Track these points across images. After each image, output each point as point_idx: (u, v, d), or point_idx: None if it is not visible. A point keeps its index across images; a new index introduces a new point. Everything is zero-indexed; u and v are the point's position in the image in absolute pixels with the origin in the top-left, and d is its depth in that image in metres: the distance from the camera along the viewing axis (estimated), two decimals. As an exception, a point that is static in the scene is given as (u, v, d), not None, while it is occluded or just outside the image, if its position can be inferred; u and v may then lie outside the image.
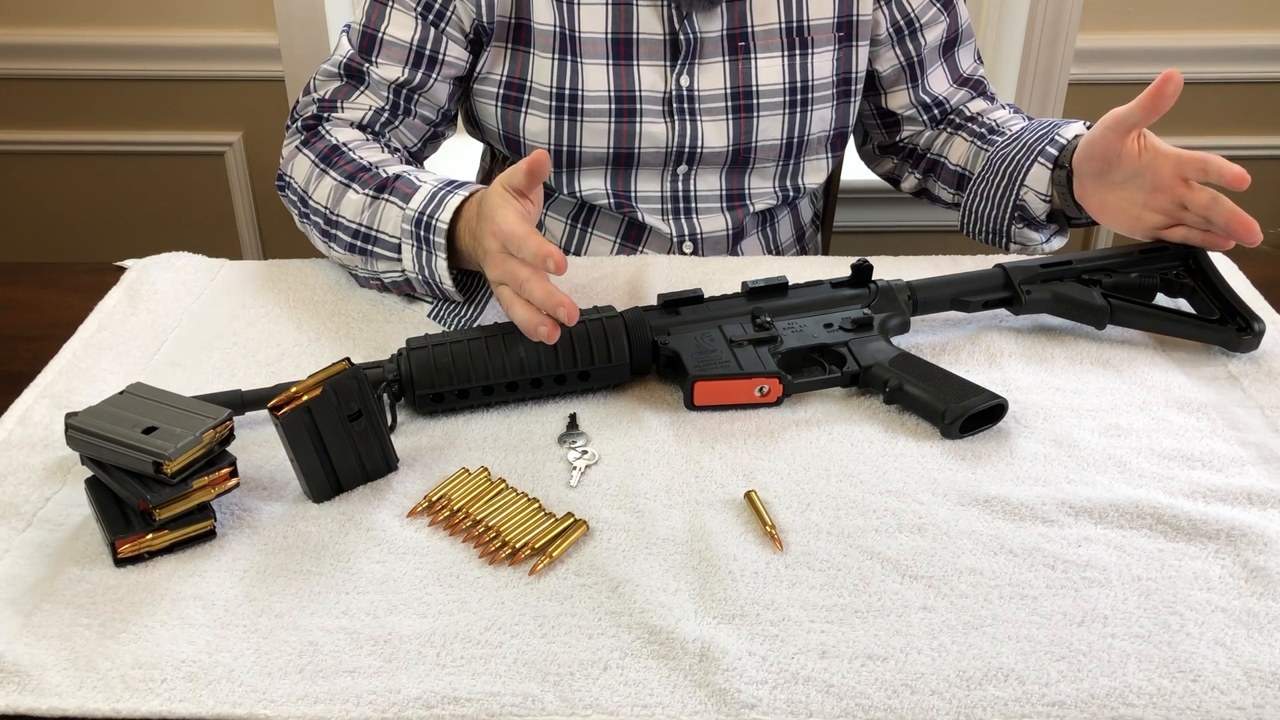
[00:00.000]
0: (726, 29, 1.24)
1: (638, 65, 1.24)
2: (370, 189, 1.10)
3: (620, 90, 1.24)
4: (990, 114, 1.34)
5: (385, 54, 1.22)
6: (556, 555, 0.79)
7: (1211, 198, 1.05)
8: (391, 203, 1.07)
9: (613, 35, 1.23)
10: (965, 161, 1.33)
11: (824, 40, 1.27)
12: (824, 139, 1.33)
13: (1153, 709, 0.68)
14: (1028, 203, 1.19)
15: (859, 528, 0.82)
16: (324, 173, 1.15)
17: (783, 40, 1.26)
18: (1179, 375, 1.00)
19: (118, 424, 0.80)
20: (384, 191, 1.09)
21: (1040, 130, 1.20)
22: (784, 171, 1.33)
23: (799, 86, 1.27)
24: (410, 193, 1.06)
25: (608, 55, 1.23)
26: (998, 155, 1.23)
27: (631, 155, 1.28)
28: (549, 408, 0.96)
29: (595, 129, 1.25)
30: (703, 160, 1.29)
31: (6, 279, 1.21)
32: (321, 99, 1.24)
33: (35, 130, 2.18)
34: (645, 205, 1.31)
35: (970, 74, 1.37)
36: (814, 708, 0.68)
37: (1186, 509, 0.83)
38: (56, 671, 0.70)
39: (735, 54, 1.25)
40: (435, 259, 1.03)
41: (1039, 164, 1.17)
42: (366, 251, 1.10)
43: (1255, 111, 2.15)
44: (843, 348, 0.99)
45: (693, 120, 1.26)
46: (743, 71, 1.26)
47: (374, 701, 0.68)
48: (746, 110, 1.27)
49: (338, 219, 1.12)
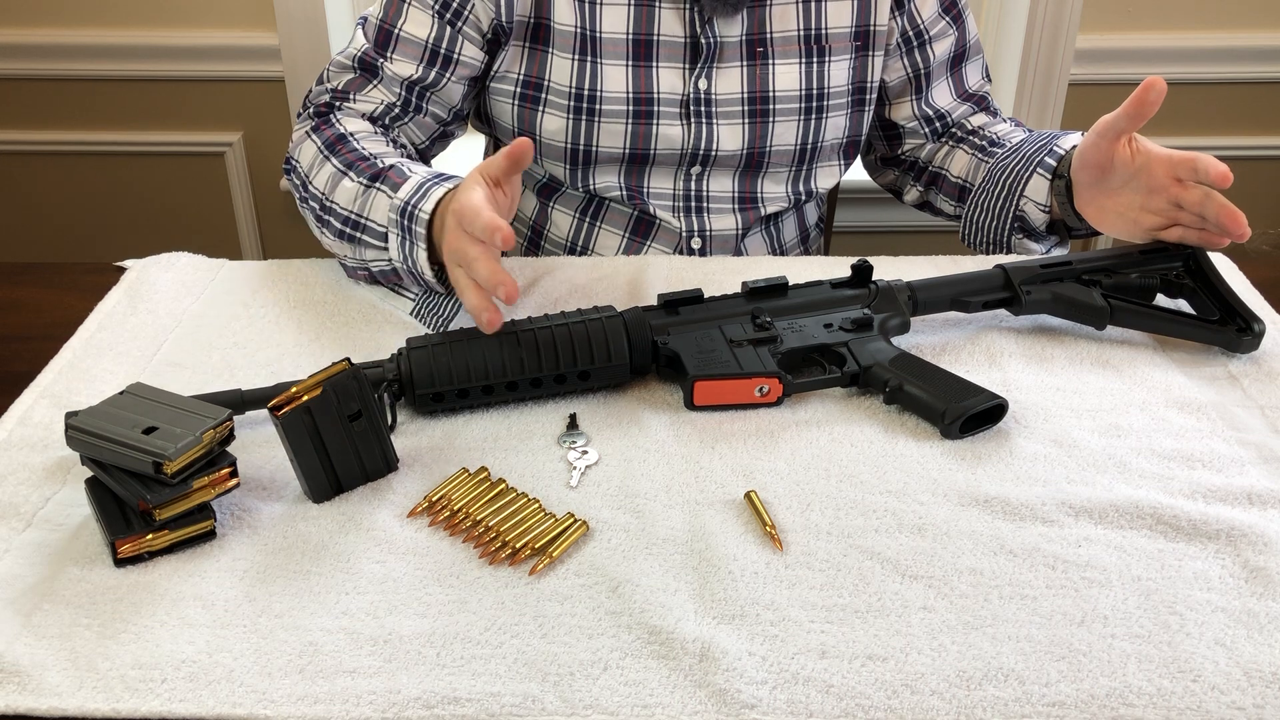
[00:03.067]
0: (746, 34, 1.25)
1: (657, 67, 1.24)
2: (364, 178, 1.10)
3: (639, 92, 1.24)
4: (991, 127, 1.35)
5: (401, 50, 1.23)
6: (556, 555, 0.79)
7: (1204, 194, 1.06)
8: (382, 191, 1.08)
9: (633, 36, 1.23)
10: (966, 174, 1.34)
11: (841, 49, 1.28)
12: (837, 146, 1.34)
13: (1153, 709, 0.68)
14: (1027, 213, 1.20)
15: (859, 528, 0.82)
16: (326, 159, 1.16)
17: (801, 47, 1.26)
18: (1179, 375, 1.00)
19: (118, 424, 0.80)
20: (376, 180, 1.09)
21: (1039, 141, 1.21)
22: (797, 176, 1.34)
23: (815, 94, 1.28)
24: (400, 182, 1.07)
25: (628, 56, 1.23)
26: (998, 167, 1.24)
27: (647, 155, 1.28)
28: (549, 408, 0.96)
29: (612, 129, 1.26)
30: (717, 162, 1.29)
31: (6, 279, 1.21)
32: (334, 89, 1.25)
33: (35, 130, 2.18)
34: (657, 200, 1.32)
35: (976, 90, 1.38)
36: (814, 708, 0.68)
37: (1186, 509, 0.83)
38: (56, 671, 0.70)
39: (754, 59, 1.26)
40: (416, 249, 1.03)
41: (1038, 174, 1.18)
42: (355, 239, 1.10)
43: (1255, 111, 2.15)
44: (843, 348, 0.99)
45: (709, 123, 1.27)
46: (760, 77, 1.26)
47: (374, 701, 0.68)
48: (763, 115, 1.27)
49: (331, 205, 1.13)
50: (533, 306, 1.11)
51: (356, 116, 1.23)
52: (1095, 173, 1.10)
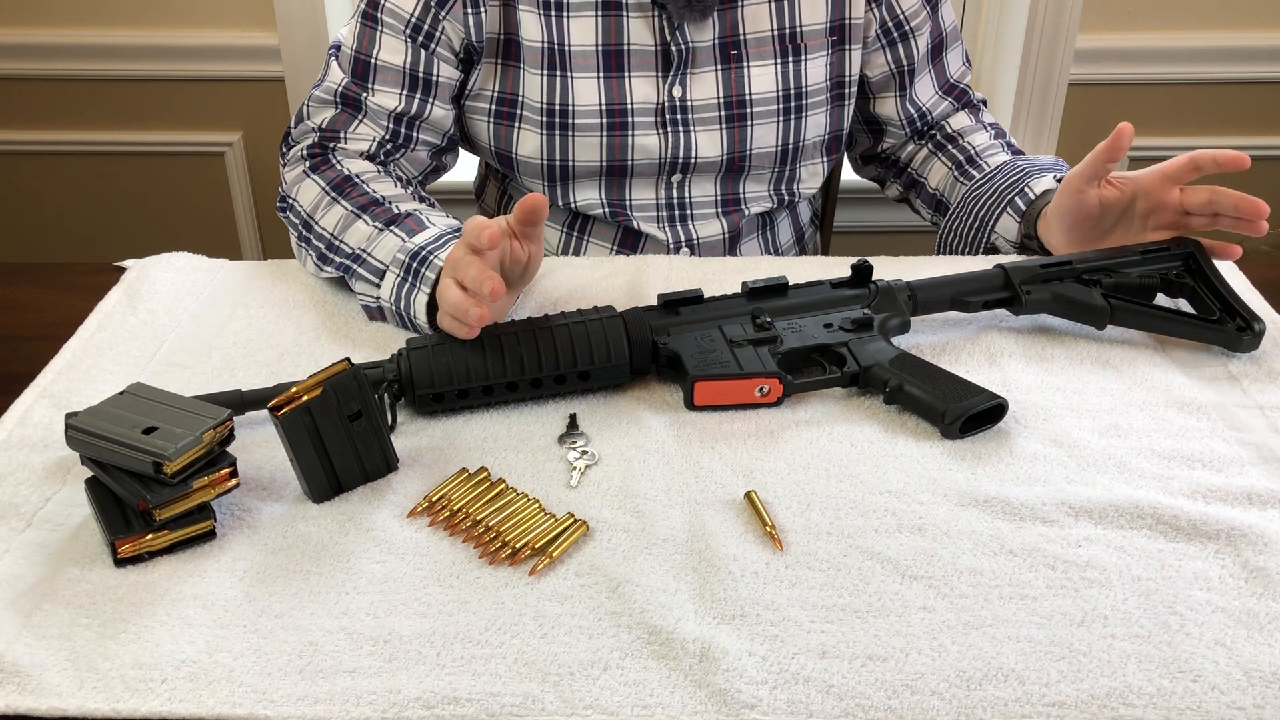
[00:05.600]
0: (718, 38, 1.23)
1: (629, 77, 1.23)
2: (379, 221, 1.09)
3: (611, 103, 1.23)
4: (970, 135, 1.34)
5: (380, 80, 1.21)
6: (556, 555, 0.79)
7: (1210, 192, 1.06)
8: (395, 235, 1.06)
9: (603, 47, 1.22)
10: (942, 187, 1.34)
11: (817, 46, 1.26)
12: (819, 143, 1.32)
13: (1153, 709, 0.68)
14: (999, 246, 1.22)
15: (859, 528, 0.82)
16: (334, 201, 1.14)
17: (776, 47, 1.25)
18: (1179, 375, 1.00)
19: (118, 424, 0.80)
20: (392, 225, 1.08)
21: (1013, 176, 1.22)
22: (779, 177, 1.33)
23: (793, 93, 1.27)
24: (417, 230, 1.06)
25: (598, 68, 1.22)
26: (970, 196, 1.25)
27: (625, 167, 1.27)
28: (549, 408, 0.96)
29: (587, 143, 1.24)
30: (697, 169, 1.28)
31: (6, 279, 1.21)
32: (321, 127, 1.23)
33: (35, 130, 2.18)
34: (640, 214, 1.31)
35: (958, 79, 1.37)
36: (814, 708, 0.68)
37: (1186, 509, 0.83)
38: (56, 671, 0.70)
39: (728, 63, 1.24)
40: (417, 293, 1.01)
41: (1008, 214, 1.20)
42: (351, 271, 1.08)
43: (1255, 111, 2.15)
44: (843, 348, 0.99)
45: (686, 131, 1.25)
46: (735, 80, 1.25)
47: (374, 701, 0.68)
48: (740, 119, 1.26)
49: (339, 244, 1.10)
50: (533, 306, 1.11)
51: (356, 157, 1.21)
52: (1087, 225, 1.11)
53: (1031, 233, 1.18)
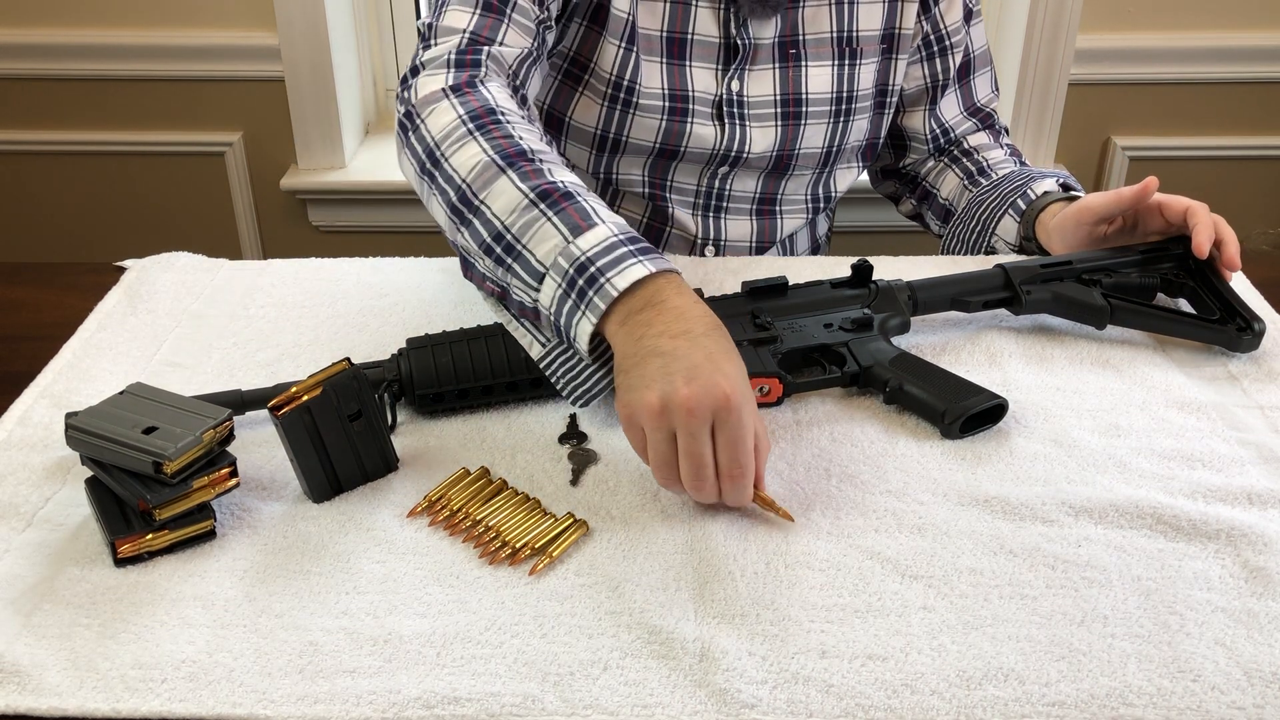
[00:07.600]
0: (779, 36, 1.24)
1: (690, 66, 1.23)
2: (529, 185, 0.90)
3: (674, 89, 1.23)
4: (986, 151, 1.36)
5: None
6: (556, 555, 0.79)
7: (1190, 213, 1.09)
8: (554, 224, 0.88)
9: (668, 34, 1.22)
10: (952, 197, 1.35)
11: (870, 51, 1.27)
12: (858, 148, 1.34)
13: (1153, 709, 0.68)
14: (999, 249, 1.23)
15: (859, 528, 0.82)
16: (471, 136, 0.95)
17: (834, 49, 1.26)
18: (1179, 375, 1.00)
19: (118, 424, 0.80)
20: (545, 201, 0.89)
21: (1017, 181, 1.24)
22: (818, 179, 1.34)
23: (844, 96, 1.28)
24: (582, 225, 0.87)
25: (662, 53, 1.22)
26: (976, 201, 1.27)
27: (676, 151, 1.27)
28: (549, 408, 0.96)
29: (646, 124, 1.24)
30: (745, 163, 1.29)
31: (6, 279, 1.21)
32: (471, 31, 1.07)
33: (35, 130, 2.18)
34: (678, 196, 1.31)
35: (984, 104, 1.38)
36: (814, 708, 0.68)
37: (1186, 509, 0.83)
38: (56, 671, 0.70)
39: (786, 61, 1.25)
40: (582, 319, 0.85)
41: (1009, 216, 1.21)
42: (503, 262, 0.91)
43: (1255, 111, 2.15)
44: (843, 348, 0.99)
45: (741, 125, 1.26)
46: (793, 79, 1.26)
47: (374, 701, 0.68)
48: (795, 118, 1.27)
49: (480, 206, 0.92)
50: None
51: (501, 80, 1.05)
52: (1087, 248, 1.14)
53: (1030, 234, 1.18)
